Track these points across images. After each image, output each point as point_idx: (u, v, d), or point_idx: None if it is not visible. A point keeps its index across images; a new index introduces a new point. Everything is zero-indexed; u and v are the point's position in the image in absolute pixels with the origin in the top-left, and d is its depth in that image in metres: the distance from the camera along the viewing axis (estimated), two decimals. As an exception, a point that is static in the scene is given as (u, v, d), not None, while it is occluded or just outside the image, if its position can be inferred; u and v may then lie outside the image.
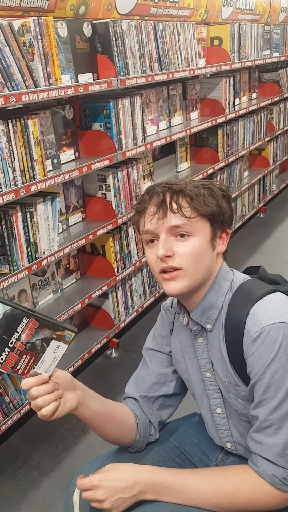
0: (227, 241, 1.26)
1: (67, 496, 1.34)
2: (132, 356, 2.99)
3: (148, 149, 2.96)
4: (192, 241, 1.18)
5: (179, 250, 1.17)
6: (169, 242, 1.18)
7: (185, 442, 1.43)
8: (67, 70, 2.32)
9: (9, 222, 2.13)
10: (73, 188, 2.75)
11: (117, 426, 1.31)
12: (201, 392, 1.34)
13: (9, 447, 2.35)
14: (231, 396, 1.24)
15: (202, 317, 1.25)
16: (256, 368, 1.12)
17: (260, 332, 1.11)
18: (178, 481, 1.16)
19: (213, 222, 1.20)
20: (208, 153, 3.93)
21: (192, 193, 1.18)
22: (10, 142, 2.03)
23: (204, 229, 1.19)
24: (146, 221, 1.21)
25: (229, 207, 1.24)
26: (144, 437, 1.37)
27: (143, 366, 1.43)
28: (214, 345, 1.25)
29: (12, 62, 1.96)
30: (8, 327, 1.04)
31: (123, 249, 2.96)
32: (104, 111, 2.67)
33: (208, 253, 1.20)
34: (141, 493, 1.17)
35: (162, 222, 1.18)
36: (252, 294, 1.19)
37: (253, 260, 4.16)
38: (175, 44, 3.07)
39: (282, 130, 5.31)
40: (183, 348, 1.35)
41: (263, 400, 1.12)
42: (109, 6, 2.69)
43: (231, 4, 4.07)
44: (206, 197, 1.19)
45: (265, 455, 1.11)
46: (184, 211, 1.16)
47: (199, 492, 1.14)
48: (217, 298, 1.23)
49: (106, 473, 1.18)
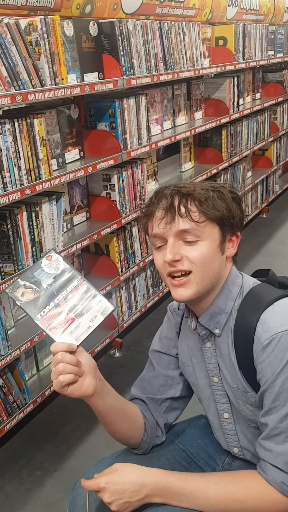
0: (237, 245, 1.24)
1: (72, 498, 1.33)
2: (136, 356, 2.99)
3: (152, 149, 2.95)
4: (201, 246, 1.16)
5: (187, 254, 1.16)
6: (177, 246, 1.16)
7: (191, 445, 1.42)
8: (73, 70, 2.31)
9: (14, 221, 2.12)
10: (77, 188, 2.75)
11: (129, 423, 1.30)
12: (208, 397, 1.34)
13: (12, 447, 2.35)
14: (240, 402, 1.23)
15: (211, 322, 1.23)
16: (266, 375, 1.11)
17: (271, 339, 1.10)
18: (187, 485, 1.15)
19: (223, 226, 1.19)
20: (212, 153, 3.92)
21: (201, 196, 1.16)
22: (16, 141, 2.03)
23: (213, 233, 1.18)
24: (154, 225, 1.20)
25: (240, 210, 1.23)
26: (151, 438, 1.36)
27: (149, 368, 1.42)
28: (223, 350, 1.24)
29: (18, 61, 1.96)
30: (60, 284, 1.10)
31: (127, 249, 2.96)
32: (109, 111, 2.66)
33: (217, 258, 1.19)
34: (148, 497, 1.16)
35: (170, 227, 1.16)
36: (262, 300, 1.18)
37: (255, 261, 4.16)
38: (180, 44, 3.07)
39: (285, 131, 5.30)
40: (190, 351, 1.34)
41: (273, 408, 1.11)
42: (115, 5, 2.69)
43: (236, 4, 4.06)
44: (215, 201, 1.17)
45: (274, 463, 1.10)
46: (192, 215, 1.15)
47: (207, 498, 1.14)
48: (226, 303, 1.22)
49: (113, 475, 1.17)
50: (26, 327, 2.36)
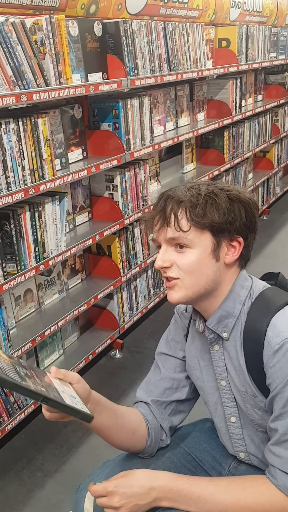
0: (239, 251, 1.20)
1: (76, 502, 1.32)
2: (136, 357, 2.98)
3: (155, 149, 2.95)
4: (189, 253, 1.16)
5: (177, 261, 1.17)
6: (168, 252, 1.18)
7: (196, 449, 1.41)
8: (77, 70, 2.31)
9: (17, 221, 2.12)
10: (80, 188, 2.74)
11: (126, 436, 1.30)
12: (215, 400, 1.33)
13: (13, 448, 2.34)
14: (248, 406, 1.23)
15: (219, 326, 1.22)
16: (276, 380, 1.10)
17: (282, 344, 1.09)
18: (195, 489, 1.15)
19: (216, 232, 1.16)
20: (214, 154, 3.92)
21: (191, 204, 1.14)
22: (20, 141, 2.02)
23: (204, 240, 1.16)
24: (153, 230, 1.22)
25: (246, 214, 1.18)
26: (156, 443, 1.36)
27: (155, 371, 1.41)
28: (231, 353, 1.23)
29: (23, 61, 1.95)
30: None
31: (129, 250, 2.95)
32: (113, 111, 2.66)
33: (209, 265, 1.17)
34: (157, 500, 1.15)
35: (162, 233, 1.18)
36: (272, 304, 1.17)
37: (256, 263, 4.15)
38: (184, 44, 3.06)
39: (287, 133, 5.30)
40: (198, 354, 1.33)
41: (283, 413, 1.10)
42: (119, 5, 2.68)
43: (239, 6, 4.06)
44: (206, 208, 1.14)
45: (284, 469, 1.10)
46: (180, 223, 1.14)
47: (215, 502, 1.13)
48: (234, 306, 1.21)
49: (121, 479, 1.17)
50: (27, 328, 2.35)
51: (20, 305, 2.41)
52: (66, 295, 2.71)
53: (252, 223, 1.21)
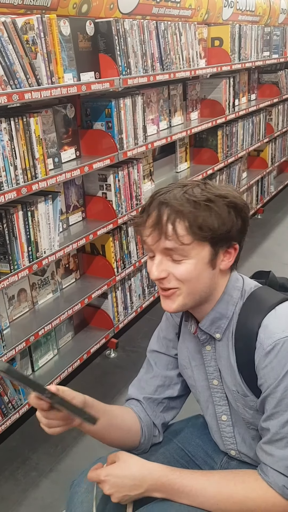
0: (234, 256, 1.18)
1: (70, 497, 1.33)
2: (131, 356, 2.98)
3: (149, 149, 2.95)
4: (187, 264, 1.12)
5: (174, 271, 1.13)
6: (164, 263, 1.14)
7: (189, 444, 1.42)
8: (69, 69, 2.31)
9: (10, 221, 2.11)
10: (73, 188, 2.74)
11: (121, 435, 1.31)
12: (206, 399, 1.33)
13: (8, 447, 2.34)
14: (239, 405, 1.23)
15: (212, 327, 1.22)
16: (268, 381, 1.10)
17: (273, 345, 1.09)
18: (187, 483, 1.15)
19: (215, 243, 1.13)
20: (208, 153, 3.92)
21: (191, 215, 1.09)
22: (12, 141, 2.02)
23: (202, 251, 1.12)
24: (145, 234, 1.16)
25: (242, 219, 1.16)
26: (149, 439, 1.36)
27: (147, 368, 1.41)
28: (223, 353, 1.23)
29: (15, 60, 1.95)
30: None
31: (123, 249, 2.95)
32: (106, 110, 2.66)
33: (206, 274, 1.15)
34: (148, 491, 1.16)
35: (157, 243, 1.13)
36: (263, 304, 1.16)
37: (251, 262, 4.16)
38: (176, 44, 3.07)
39: (280, 132, 5.32)
40: (190, 354, 1.33)
41: (275, 413, 1.10)
42: (112, 5, 2.68)
43: (232, 5, 4.07)
44: (206, 219, 1.09)
45: (276, 467, 1.10)
46: (180, 236, 1.09)
47: (207, 496, 1.14)
48: (227, 308, 1.20)
49: (114, 467, 1.17)
50: (21, 328, 2.35)
51: (14, 305, 2.41)
52: (60, 295, 2.71)
53: (245, 226, 1.18)
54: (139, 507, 1.20)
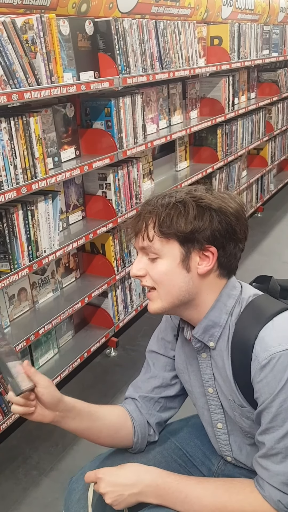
0: (213, 261, 1.14)
1: (67, 493, 1.34)
2: (131, 355, 2.99)
3: (148, 147, 2.95)
4: (160, 263, 1.15)
5: (149, 270, 1.17)
6: (142, 261, 1.18)
7: (187, 444, 1.42)
8: (69, 68, 2.31)
9: (10, 220, 2.12)
10: (73, 187, 2.74)
11: (108, 436, 1.30)
12: (202, 405, 1.33)
13: (8, 446, 2.35)
14: (236, 414, 1.22)
15: (205, 335, 1.21)
16: (264, 395, 1.09)
17: (269, 359, 1.07)
18: (182, 489, 1.15)
19: (184, 242, 1.13)
20: (207, 152, 3.93)
21: (159, 213, 1.13)
22: (12, 140, 2.02)
23: (172, 250, 1.14)
24: (129, 232, 1.23)
25: (221, 222, 1.13)
26: (143, 439, 1.36)
27: (146, 369, 1.41)
28: (218, 363, 1.22)
29: (14, 60, 1.95)
30: None
31: (123, 248, 2.96)
32: (105, 110, 2.66)
33: (180, 276, 1.14)
34: (142, 494, 1.16)
35: (136, 241, 1.19)
36: (261, 314, 1.14)
37: (251, 260, 4.17)
38: (176, 43, 3.07)
39: (280, 130, 5.32)
40: (187, 359, 1.32)
41: (270, 428, 1.09)
42: (111, 4, 2.68)
43: (231, 4, 4.06)
44: (173, 217, 1.12)
45: (271, 482, 1.10)
46: (148, 233, 1.14)
47: (201, 505, 1.13)
48: (220, 316, 1.18)
49: (112, 468, 1.19)
50: (22, 326, 2.36)
51: (14, 304, 2.42)
52: (60, 294, 2.71)
53: (229, 232, 1.15)
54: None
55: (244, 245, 1.22)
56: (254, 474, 1.16)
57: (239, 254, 1.20)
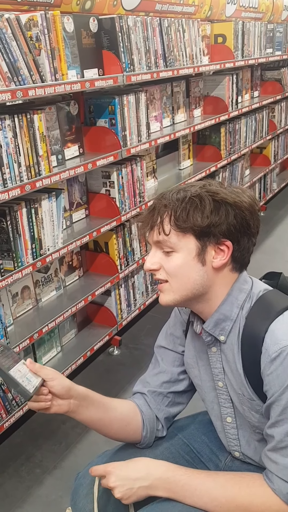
0: (228, 255, 1.16)
1: (74, 489, 1.34)
2: (134, 353, 2.98)
3: (152, 146, 2.94)
4: (175, 257, 1.16)
5: (164, 264, 1.18)
6: (157, 255, 1.19)
7: (195, 440, 1.42)
8: (73, 66, 2.30)
9: (14, 218, 2.11)
10: (76, 185, 2.73)
11: (119, 428, 1.31)
12: (212, 399, 1.33)
13: (11, 445, 2.34)
14: (245, 408, 1.22)
15: (216, 329, 1.22)
16: (273, 388, 1.10)
17: (279, 352, 1.08)
18: (192, 482, 1.15)
19: (200, 236, 1.14)
20: (211, 151, 3.92)
21: (175, 207, 1.14)
22: (16, 138, 2.02)
23: (188, 243, 1.15)
24: (142, 226, 1.23)
25: (236, 217, 1.15)
26: (151, 433, 1.36)
27: (154, 364, 1.42)
28: (228, 356, 1.23)
29: (19, 57, 1.95)
30: None
31: (126, 247, 2.95)
32: (109, 107, 2.65)
33: (195, 269, 1.16)
34: (152, 487, 1.16)
35: (150, 236, 1.20)
36: (271, 309, 1.15)
37: (253, 259, 4.10)
38: (180, 41, 3.06)
39: (283, 129, 5.31)
40: (196, 353, 1.33)
41: (280, 421, 1.10)
42: (115, 1, 2.67)
43: (235, 2, 4.05)
44: (189, 211, 1.13)
45: (280, 475, 1.10)
46: (164, 227, 1.15)
47: (211, 498, 1.13)
48: (232, 310, 1.19)
49: (121, 462, 1.19)
50: (25, 325, 2.35)
51: (17, 302, 2.41)
52: (63, 292, 2.71)
53: (244, 226, 1.16)
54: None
55: (256, 239, 1.23)
56: (261, 470, 1.17)
57: (252, 248, 1.22)
